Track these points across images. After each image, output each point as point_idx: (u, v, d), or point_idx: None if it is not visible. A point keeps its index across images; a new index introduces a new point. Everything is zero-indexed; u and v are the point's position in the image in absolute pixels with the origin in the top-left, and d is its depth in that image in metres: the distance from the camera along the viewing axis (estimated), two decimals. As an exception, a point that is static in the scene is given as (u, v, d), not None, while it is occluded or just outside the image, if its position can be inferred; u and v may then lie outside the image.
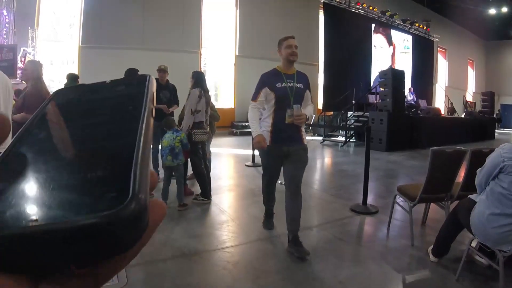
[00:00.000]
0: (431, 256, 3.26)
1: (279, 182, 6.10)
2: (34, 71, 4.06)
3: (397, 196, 3.96)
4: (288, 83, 3.42)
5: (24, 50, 9.61)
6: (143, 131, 0.29)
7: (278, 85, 3.42)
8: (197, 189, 5.19)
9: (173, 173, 4.69)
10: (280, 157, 3.53)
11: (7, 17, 10.02)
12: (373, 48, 19.26)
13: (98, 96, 0.37)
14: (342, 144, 12.40)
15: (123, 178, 0.25)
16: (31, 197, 0.24)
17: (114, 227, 0.22)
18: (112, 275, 0.27)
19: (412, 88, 17.60)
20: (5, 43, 9.70)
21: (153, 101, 0.35)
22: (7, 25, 9.99)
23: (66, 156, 0.28)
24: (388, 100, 11.24)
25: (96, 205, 0.23)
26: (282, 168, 3.65)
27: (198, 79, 5.01)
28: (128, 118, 0.32)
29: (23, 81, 3.81)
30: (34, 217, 0.22)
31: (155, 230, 0.27)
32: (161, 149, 4.57)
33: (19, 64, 9.05)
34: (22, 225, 0.22)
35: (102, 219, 0.22)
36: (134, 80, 0.37)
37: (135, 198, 0.23)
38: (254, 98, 3.51)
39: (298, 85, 3.47)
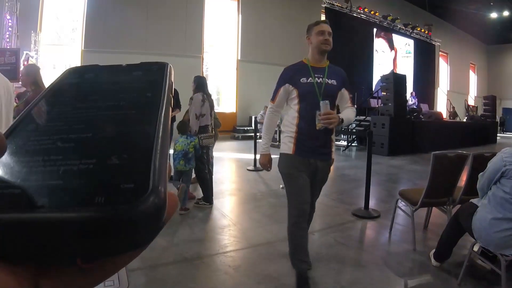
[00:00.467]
0: (433, 260, 3.25)
1: (281, 186, 6.12)
2: (30, 75, 3.95)
3: (399, 201, 3.95)
4: (316, 78, 2.76)
5: (26, 53, 9.63)
6: (162, 120, 0.28)
7: (303, 80, 2.74)
8: (199, 193, 5.19)
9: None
10: (308, 173, 2.81)
11: (10, 20, 10.06)
12: (374, 52, 19.31)
13: (114, 78, 0.35)
14: (343, 148, 12.39)
15: (141, 169, 0.23)
16: (39, 180, 0.22)
17: (132, 222, 0.21)
18: (117, 270, 0.26)
19: (414, 92, 17.60)
20: (8, 47, 9.73)
21: (171, 90, 0.33)
22: (10, 29, 10.03)
23: (79, 138, 0.26)
24: (390, 104, 11.22)
25: (112, 196, 0.21)
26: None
27: (200, 84, 5.01)
28: (147, 105, 0.30)
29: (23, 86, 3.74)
30: (42, 202, 0.21)
31: (167, 222, 0.25)
32: (172, 153, 4.54)
33: (22, 68, 9.06)
34: (26, 210, 0.21)
35: (120, 212, 0.20)
36: (152, 67, 0.35)
37: (155, 191, 0.22)
38: (273, 97, 2.86)
39: (330, 81, 2.80)
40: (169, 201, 0.24)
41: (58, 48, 13.38)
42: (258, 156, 7.88)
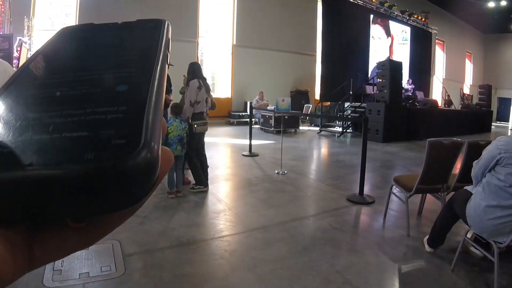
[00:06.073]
0: (426, 246, 3.29)
1: (276, 171, 6.14)
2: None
3: (394, 187, 3.98)
4: None
5: (20, 39, 9.49)
6: (157, 76, 0.27)
7: None
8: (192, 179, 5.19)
9: None
10: None
11: (2, 6, 9.90)
12: (371, 39, 19.19)
13: (109, 35, 0.34)
14: (339, 134, 12.42)
15: (133, 123, 0.22)
16: (28, 137, 0.22)
17: (122, 178, 0.20)
18: (113, 229, 0.26)
19: (411, 80, 17.62)
20: (1, 33, 9.60)
21: (168, 47, 0.32)
22: (3, 15, 9.87)
23: (71, 95, 0.25)
24: (385, 91, 11.24)
25: (102, 152, 0.20)
26: None
27: (194, 70, 4.98)
28: (142, 61, 0.29)
29: None
30: (29, 160, 0.20)
31: (161, 180, 0.25)
32: (168, 138, 4.50)
33: (15, 54, 8.94)
34: (14, 169, 0.20)
35: (108, 167, 0.20)
36: (148, 24, 0.35)
37: (147, 146, 0.21)
38: None
39: None
40: (163, 156, 0.23)
41: (51, 33, 13.10)
42: (253, 142, 7.90)
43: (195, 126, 4.77)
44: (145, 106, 0.24)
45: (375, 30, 19.63)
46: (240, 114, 15.00)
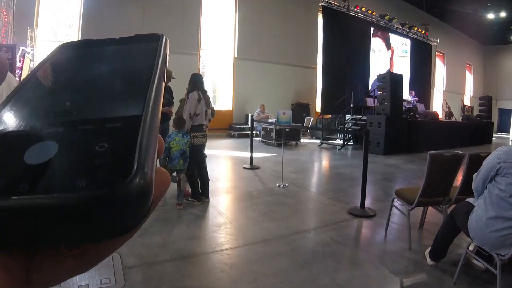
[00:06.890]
0: (428, 259, 3.27)
1: (277, 184, 6.13)
2: None
3: (395, 200, 3.97)
4: None
5: (23, 49, 9.56)
6: (153, 95, 0.26)
7: None
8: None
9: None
10: None
11: (6, 16, 9.99)
12: (371, 51, 19.29)
13: (106, 52, 0.33)
14: (340, 147, 12.41)
15: (126, 148, 0.22)
16: (20, 163, 0.21)
17: (113, 206, 0.20)
18: (110, 253, 0.26)
19: (414, 92, 17.70)
20: (4, 43, 9.66)
21: (165, 63, 0.31)
22: (6, 25, 9.96)
23: (63, 118, 0.24)
24: (386, 103, 11.26)
25: (93, 179, 0.20)
26: None
27: (195, 81, 4.98)
28: (137, 79, 0.28)
29: None
30: (23, 188, 0.20)
31: (158, 204, 0.24)
32: (170, 152, 4.50)
33: (18, 64, 9.01)
34: (6, 197, 0.20)
35: (99, 196, 0.19)
36: (146, 39, 0.34)
37: (140, 172, 0.20)
38: None
39: None
40: (159, 178, 0.23)
41: (54, 44, 13.18)
42: (254, 154, 7.89)
43: (194, 138, 4.78)
44: (139, 129, 0.23)
45: (376, 43, 19.74)
46: (241, 126, 15.01)
